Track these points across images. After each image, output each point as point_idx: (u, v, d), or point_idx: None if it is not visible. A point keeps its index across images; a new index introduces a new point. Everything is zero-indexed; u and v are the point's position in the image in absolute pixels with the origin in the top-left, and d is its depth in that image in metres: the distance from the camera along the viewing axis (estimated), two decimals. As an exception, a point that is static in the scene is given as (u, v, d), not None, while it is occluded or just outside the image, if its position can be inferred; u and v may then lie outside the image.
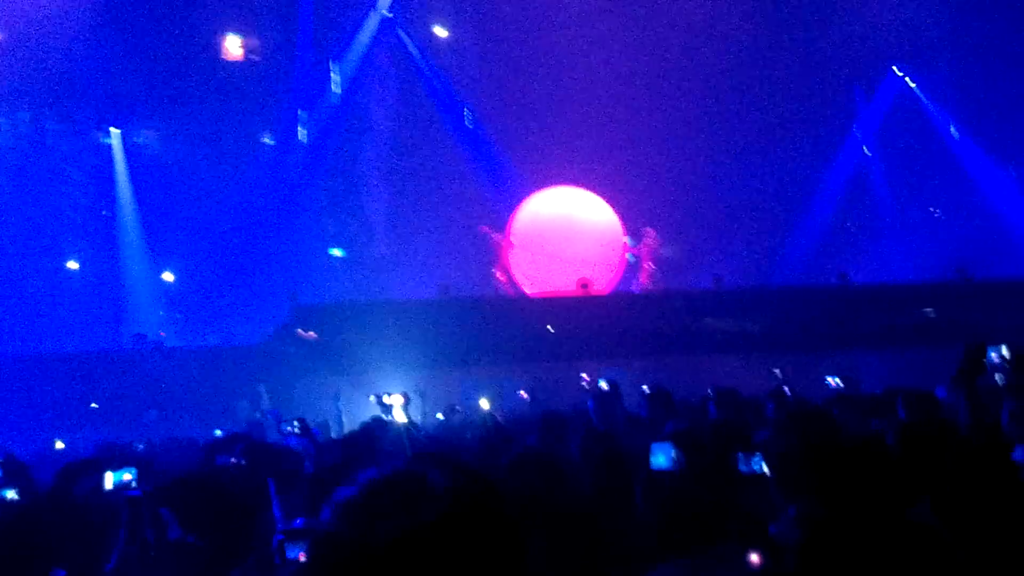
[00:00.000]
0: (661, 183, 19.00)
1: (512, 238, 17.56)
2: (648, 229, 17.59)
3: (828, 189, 20.71)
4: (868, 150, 21.16)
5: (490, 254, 17.79)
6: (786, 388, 9.67)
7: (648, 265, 17.41)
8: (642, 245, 17.54)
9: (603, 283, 17.23)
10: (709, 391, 7.39)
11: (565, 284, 16.56)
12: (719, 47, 19.10)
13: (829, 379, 10.53)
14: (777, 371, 11.42)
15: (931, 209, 20.40)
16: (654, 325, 14.67)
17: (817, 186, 20.64)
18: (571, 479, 4.38)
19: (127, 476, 4.49)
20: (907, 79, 20.76)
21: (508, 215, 18.33)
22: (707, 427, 5.30)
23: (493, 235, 17.66)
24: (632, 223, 18.88)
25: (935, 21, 19.45)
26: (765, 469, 3.78)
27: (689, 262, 18.89)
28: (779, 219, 20.10)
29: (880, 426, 5.41)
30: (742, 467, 3.84)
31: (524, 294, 17.38)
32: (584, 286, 16.22)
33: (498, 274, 17.60)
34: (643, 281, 17.39)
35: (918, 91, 20.70)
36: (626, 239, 17.67)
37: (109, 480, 4.44)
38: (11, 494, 4.79)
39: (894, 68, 20.74)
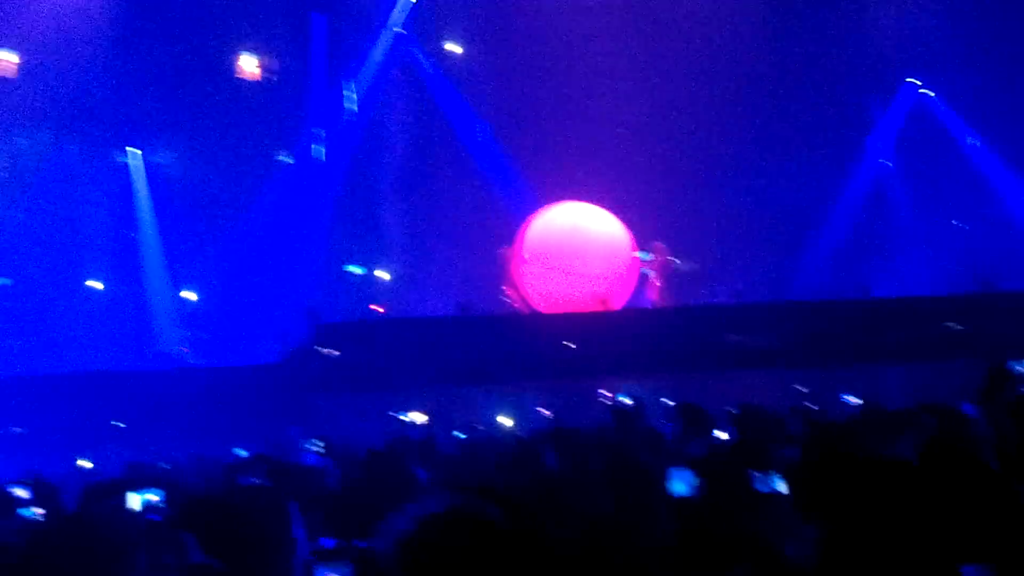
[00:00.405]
0: (677, 197, 18.95)
1: (522, 253, 17.51)
2: (658, 244, 17.52)
3: (847, 201, 20.59)
4: (886, 161, 21.05)
5: (502, 271, 17.78)
6: (809, 404, 9.64)
7: (658, 280, 17.31)
8: (653, 260, 17.47)
9: (615, 298, 17.15)
10: (731, 409, 7.35)
11: (576, 299, 16.50)
12: (735, 61, 19.07)
13: (846, 397, 10.48)
14: (800, 387, 11.37)
15: (952, 220, 20.27)
16: (673, 340, 14.62)
17: (835, 198, 20.53)
18: (589, 499, 4.36)
19: (154, 497, 4.50)
20: (924, 89, 20.66)
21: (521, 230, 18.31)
22: (727, 448, 5.28)
23: (502, 251, 17.66)
24: (647, 237, 18.86)
25: (951, 30, 19.35)
26: (782, 488, 3.75)
27: (707, 276, 18.83)
28: (798, 232, 19.99)
29: (905, 444, 5.37)
30: (758, 486, 3.81)
31: (536, 310, 17.34)
32: (603, 302, 16.19)
33: (507, 291, 17.57)
34: (653, 296, 17.30)
35: (935, 100, 20.59)
36: (638, 254, 17.59)
37: (136, 501, 4.45)
38: (37, 511, 4.83)
39: (911, 79, 20.63)
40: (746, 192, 19.51)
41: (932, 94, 20.64)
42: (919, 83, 20.73)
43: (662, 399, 11.13)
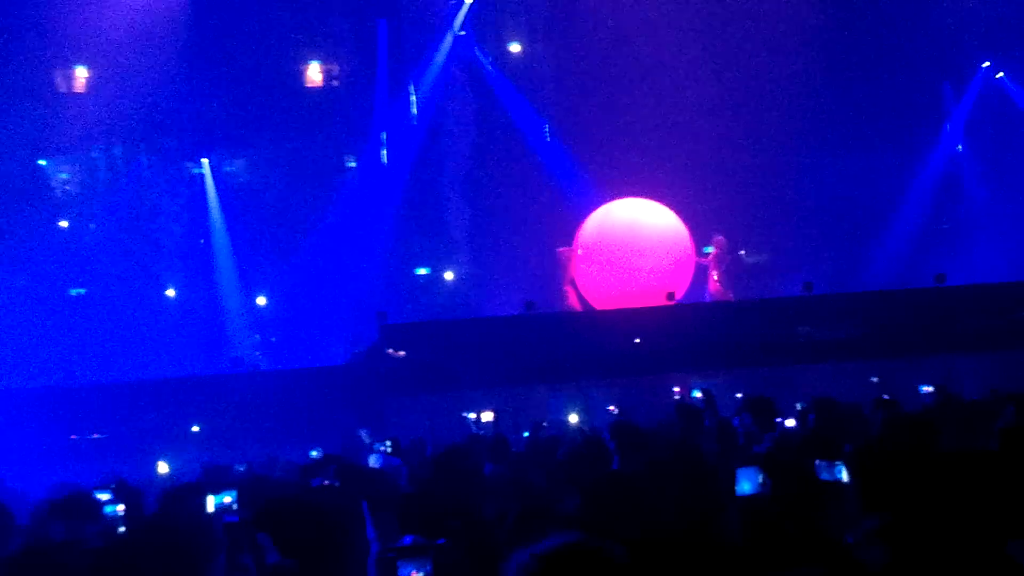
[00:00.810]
0: (747, 190, 18.71)
1: (579, 250, 17.44)
2: (718, 237, 17.30)
3: (920, 189, 20.11)
4: (960, 147, 20.52)
5: (561, 270, 17.74)
6: (885, 396, 9.44)
7: (717, 274, 17.10)
8: (711, 254, 17.24)
9: (675, 292, 17.00)
10: (798, 406, 7.23)
11: (634, 294, 16.39)
12: (802, 51, 18.75)
13: (923, 387, 10.24)
14: (875, 379, 11.16)
15: (1027, 206, 19.69)
16: (743, 335, 14.45)
17: (909, 186, 20.08)
18: (652, 497, 4.33)
19: (227, 499, 4.60)
20: (999, 73, 20.09)
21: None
22: (795, 442, 5.20)
23: (561, 250, 17.62)
24: (715, 232, 18.66)
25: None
26: (845, 477, 3.69)
27: (778, 269, 18.55)
28: (870, 222, 19.58)
29: (983, 434, 5.24)
30: (823, 475, 3.75)
31: (593, 308, 17.25)
32: (670, 296, 16.06)
33: (567, 288, 17.51)
34: (712, 290, 17.09)
35: (1009, 84, 20.01)
36: (710, 246, 17.42)
37: (211, 503, 4.56)
38: (120, 508, 4.96)
39: (985, 63, 20.05)
40: (816, 183, 19.19)
41: (1001, 75, 20.05)
42: (989, 65, 20.16)
43: (736, 394, 11.01)
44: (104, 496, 5.02)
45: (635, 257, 16.85)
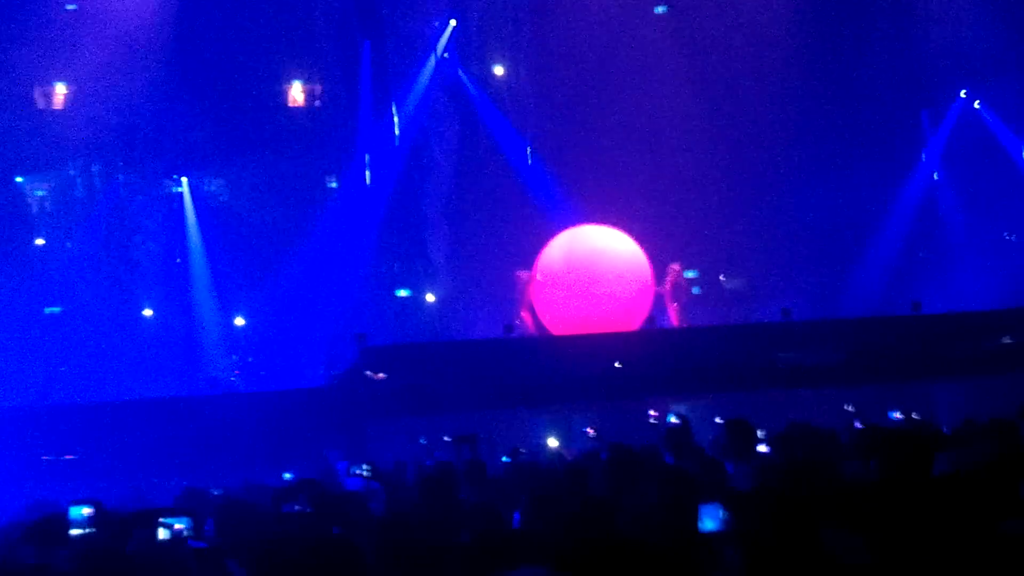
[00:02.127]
0: (726, 215, 18.82)
1: (538, 275, 17.33)
2: (673, 265, 17.26)
3: (897, 216, 20.28)
4: (937, 175, 20.72)
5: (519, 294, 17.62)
6: (857, 423, 9.47)
7: (675, 302, 17.05)
8: (666, 281, 17.18)
9: (631, 320, 16.95)
10: (760, 433, 7.19)
11: (591, 322, 16.34)
12: (782, 76, 18.95)
13: (892, 414, 10.28)
14: (849, 407, 11.19)
15: (1005, 234, 19.88)
16: (722, 360, 14.48)
17: (886, 213, 20.25)
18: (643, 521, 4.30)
19: (179, 526, 4.50)
20: (976, 102, 20.32)
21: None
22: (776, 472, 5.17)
23: (519, 274, 17.53)
24: (694, 256, 18.70)
25: (1004, 42, 19.06)
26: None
27: (756, 294, 18.61)
28: (848, 248, 19.74)
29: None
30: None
31: (550, 333, 17.16)
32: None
33: (523, 314, 17.41)
34: (671, 317, 17.05)
35: (987, 113, 20.25)
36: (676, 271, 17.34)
37: (162, 532, 4.45)
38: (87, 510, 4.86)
39: (963, 92, 20.28)
40: (795, 209, 19.31)
41: (978, 104, 20.29)
42: (967, 94, 20.39)
43: (715, 419, 11.00)
44: (85, 511, 4.93)
45: (595, 284, 16.75)
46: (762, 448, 8.21)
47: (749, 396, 13.30)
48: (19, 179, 19.36)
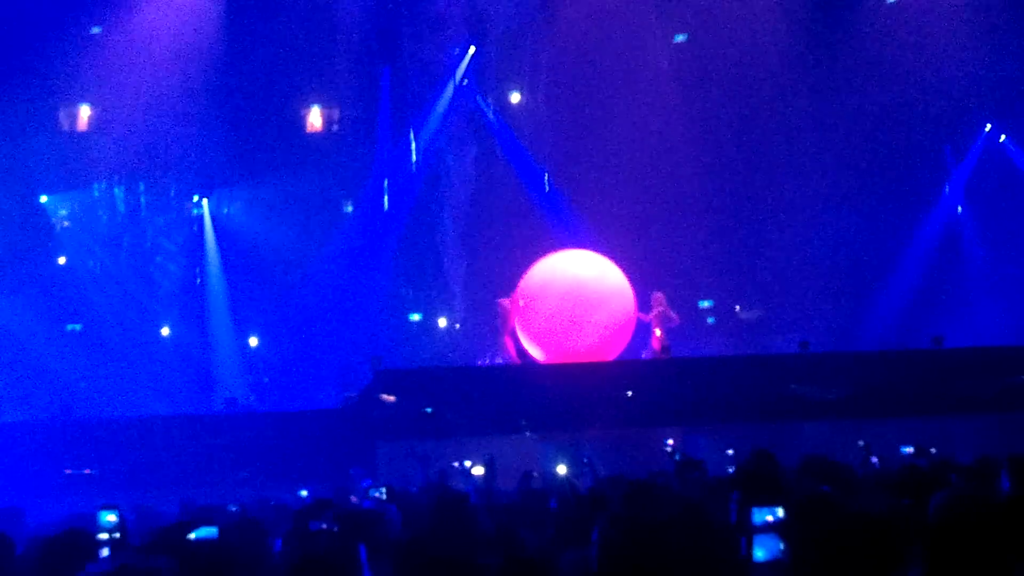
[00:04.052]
0: (745, 246, 18.80)
1: (521, 301, 17.26)
2: (657, 294, 17.19)
3: (919, 249, 20.21)
4: (960, 209, 20.66)
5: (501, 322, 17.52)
6: (874, 459, 9.41)
7: (657, 330, 16.98)
8: (651, 312, 17.12)
9: (611, 347, 16.90)
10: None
11: (572, 348, 16.30)
12: (802, 107, 18.99)
13: (904, 448, 10.22)
14: (861, 443, 11.12)
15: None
16: (738, 391, 14.44)
17: (908, 246, 20.18)
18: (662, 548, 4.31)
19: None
20: (1002, 136, 20.27)
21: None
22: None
23: (501, 301, 17.45)
24: (709, 286, 18.67)
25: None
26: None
27: (774, 326, 18.54)
28: (869, 281, 19.66)
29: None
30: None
31: (532, 362, 17.11)
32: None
33: (506, 340, 17.34)
34: (655, 346, 16.98)
35: (1012, 148, 20.20)
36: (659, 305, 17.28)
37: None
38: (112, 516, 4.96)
39: (987, 126, 20.22)
40: (815, 241, 19.26)
41: (1003, 138, 20.24)
42: (991, 128, 20.35)
43: (727, 450, 10.98)
44: (111, 517, 5.00)
45: (575, 311, 16.67)
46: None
47: (762, 428, 13.26)
48: (43, 199, 19.59)
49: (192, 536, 4.40)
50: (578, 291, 16.58)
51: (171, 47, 18.43)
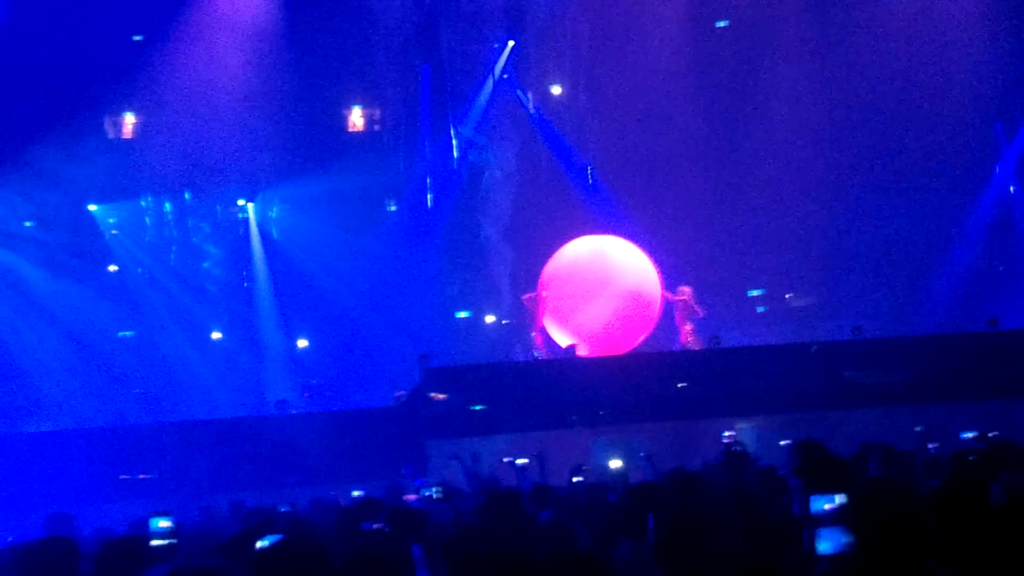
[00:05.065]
0: (795, 232, 18.54)
1: (543, 292, 17.15)
2: (684, 287, 16.98)
3: (972, 230, 19.77)
4: (1013, 188, 20.18)
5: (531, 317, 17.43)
6: (931, 445, 9.22)
7: (686, 324, 16.78)
8: (677, 303, 16.92)
9: (632, 338, 16.70)
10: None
11: (596, 324, 16.15)
12: (851, 90, 18.66)
13: (964, 434, 9.99)
14: (919, 428, 10.90)
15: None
16: (791, 379, 14.25)
17: (960, 228, 19.76)
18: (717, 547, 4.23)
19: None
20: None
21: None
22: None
23: (526, 297, 17.35)
24: (758, 275, 18.44)
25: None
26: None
27: (826, 313, 18.27)
28: (921, 264, 19.27)
29: None
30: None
31: (564, 354, 16.99)
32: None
33: (535, 335, 17.25)
34: (683, 340, 16.79)
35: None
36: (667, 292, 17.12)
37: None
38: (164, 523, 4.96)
39: None
40: (866, 223, 18.92)
41: None
42: None
43: (781, 441, 10.82)
44: (163, 523, 5.04)
45: (589, 284, 16.58)
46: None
47: (817, 417, 13.08)
48: (92, 207, 19.90)
49: (259, 544, 4.40)
50: (588, 267, 16.55)
51: (212, 53, 18.61)
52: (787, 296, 18.34)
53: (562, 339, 17.05)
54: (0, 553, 5.59)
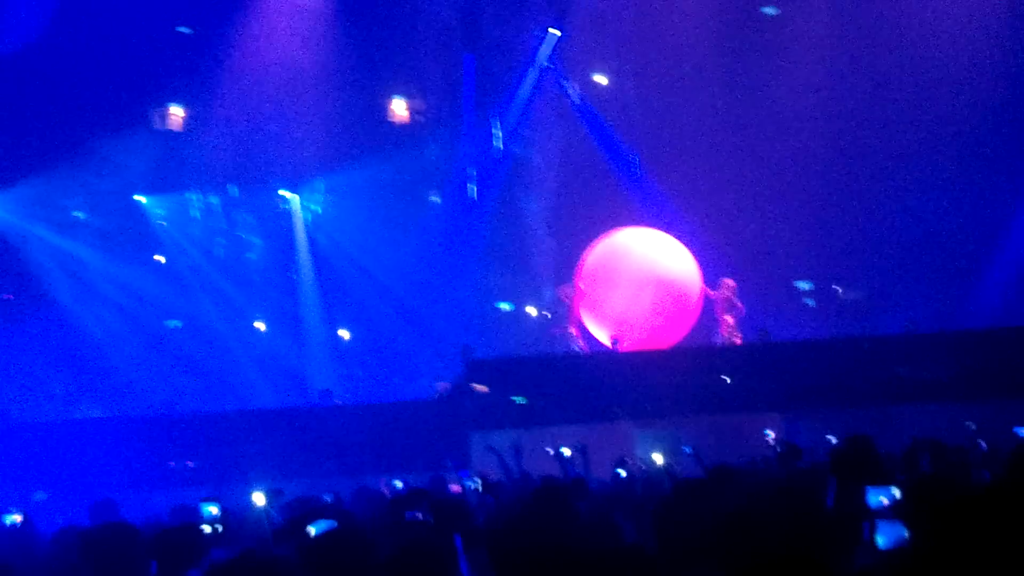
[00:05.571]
0: (844, 223, 18.27)
1: (581, 284, 17.01)
2: (727, 280, 16.75)
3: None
4: None
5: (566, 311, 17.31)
6: (982, 442, 9.05)
7: (726, 318, 16.56)
8: (718, 296, 16.69)
9: (669, 335, 16.48)
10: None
11: (636, 334, 15.95)
12: (901, 77, 18.31)
13: (1019, 429, 9.76)
14: (971, 424, 10.68)
15: None
16: (840, 374, 14.05)
17: (1013, 219, 19.29)
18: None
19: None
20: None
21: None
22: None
23: (561, 288, 17.22)
24: (805, 268, 18.17)
25: None
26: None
27: (877, 306, 17.98)
28: (973, 256, 18.85)
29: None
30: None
31: (601, 348, 16.86)
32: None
33: (572, 329, 17.12)
34: (723, 332, 16.58)
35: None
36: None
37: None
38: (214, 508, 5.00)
39: None
40: (917, 215, 18.53)
41: None
42: None
43: (828, 436, 10.66)
44: (214, 509, 5.09)
45: (625, 274, 16.47)
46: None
47: (867, 412, 12.86)
48: (140, 198, 20.15)
49: (312, 531, 4.42)
50: (625, 258, 16.43)
51: (256, 45, 18.75)
52: (837, 289, 18.04)
53: (599, 333, 16.97)
54: (57, 535, 5.67)
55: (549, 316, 19.50)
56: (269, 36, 18.83)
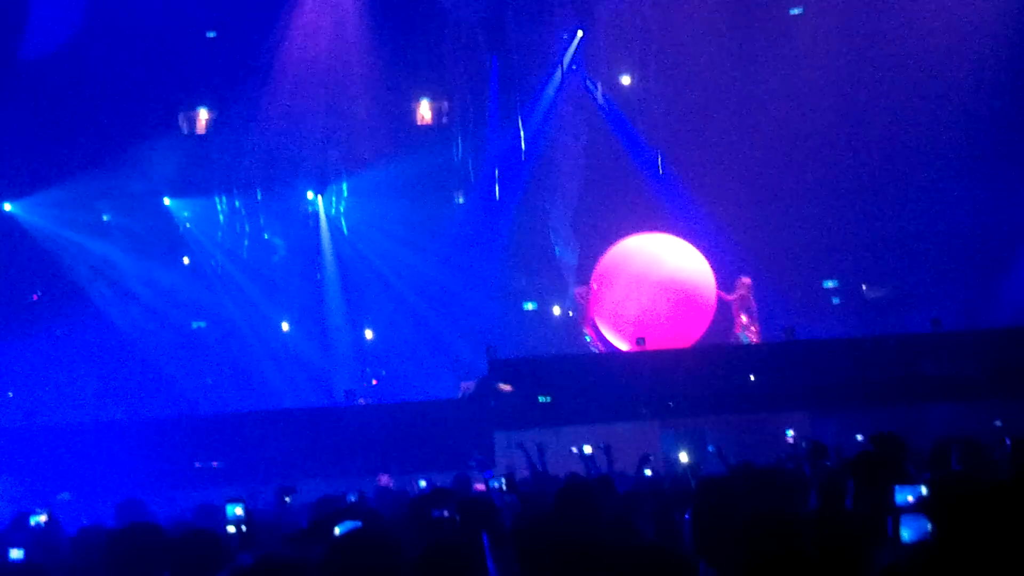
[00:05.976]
0: (870, 221, 18.15)
1: (594, 284, 17.00)
2: (743, 279, 16.66)
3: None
4: None
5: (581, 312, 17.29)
6: (1008, 439, 8.97)
7: (746, 316, 16.46)
8: (735, 295, 16.59)
9: (689, 333, 16.40)
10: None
11: (644, 312, 15.92)
12: (927, 75, 18.16)
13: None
14: (999, 422, 10.59)
15: None
16: (867, 373, 13.95)
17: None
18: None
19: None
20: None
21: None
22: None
23: (577, 291, 17.21)
24: (833, 266, 18.06)
25: None
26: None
27: (903, 304, 17.85)
28: (1001, 253, 18.67)
29: None
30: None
31: (615, 350, 16.81)
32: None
33: (587, 330, 17.08)
34: (736, 331, 16.48)
35: None
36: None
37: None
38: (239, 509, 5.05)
39: None
40: (943, 212, 18.39)
41: None
42: None
43: (856, 435, 10.60)
44: (239, 510, 5.12)
45: (635, 275, 16.45)
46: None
47: (893, 410, 12.78)
48: (167, 200, 20.33)
49: (337, 530, 4.44)
50: (634, 260, 16.42)
51: (282, 47, 18.87)
52: (863, 287, 17.92)
53: (612, 337, 16.98)
54: (80, 534, 5.72)
55: (571, 315, 19.52)
56: (295, 40, 18.95)
